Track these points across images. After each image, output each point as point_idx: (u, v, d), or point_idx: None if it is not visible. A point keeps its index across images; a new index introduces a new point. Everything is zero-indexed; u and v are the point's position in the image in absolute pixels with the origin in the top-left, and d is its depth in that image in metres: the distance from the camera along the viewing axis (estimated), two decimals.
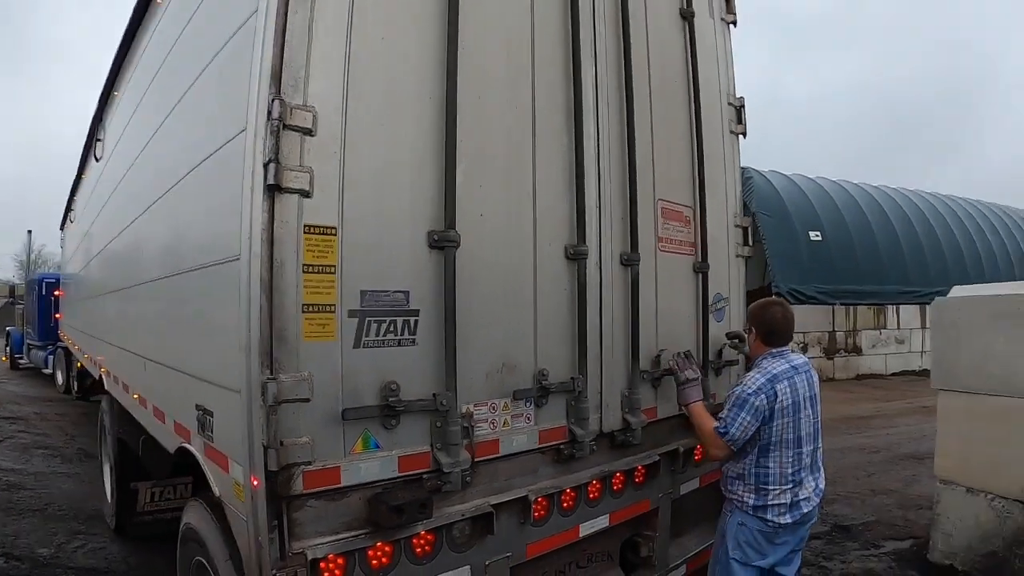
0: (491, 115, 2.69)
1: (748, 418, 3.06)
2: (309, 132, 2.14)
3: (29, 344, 17.27)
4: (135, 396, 4.30)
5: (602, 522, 3.16)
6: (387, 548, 2.35)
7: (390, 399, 2.29)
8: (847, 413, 12.06)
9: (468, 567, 2.60)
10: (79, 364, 10.92)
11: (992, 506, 4.94)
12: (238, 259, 2.20)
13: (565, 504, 2.96)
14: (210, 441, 2.62)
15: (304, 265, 2.13)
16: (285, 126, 2.08)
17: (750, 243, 4.29)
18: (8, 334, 19.49)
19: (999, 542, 4.86)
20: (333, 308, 2.19)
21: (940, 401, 5.42)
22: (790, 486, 3.12)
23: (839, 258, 18.52)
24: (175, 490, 5.32)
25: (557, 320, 2.91)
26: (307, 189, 2.13)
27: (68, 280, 12.46)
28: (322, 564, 2.19)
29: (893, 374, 18.33)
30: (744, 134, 4.33)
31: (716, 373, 3.89)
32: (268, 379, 2.03)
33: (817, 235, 18.41)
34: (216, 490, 2.56)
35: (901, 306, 18.80)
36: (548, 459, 2.91)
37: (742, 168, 15.47)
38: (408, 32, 2.45)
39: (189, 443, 2.93)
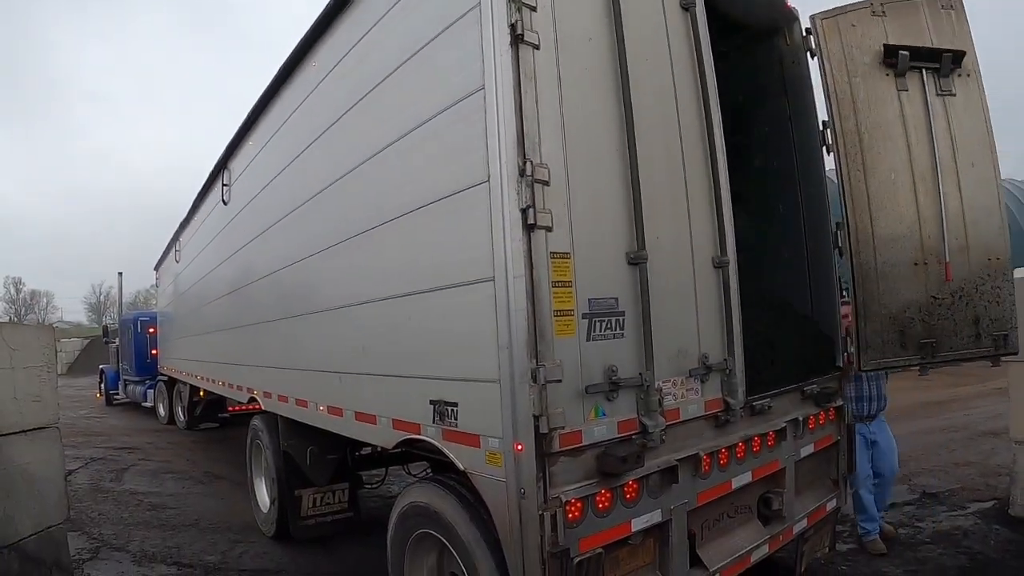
0: (655, 160, 3.50)
1: None
2: (546, 183, 2.97)
3: (125, 380, 18.29)
4: (321, 409, 5.11)
5: (747, 477, 3.93)
6: (608, 494, 3.15)
7: (612, 378, 3.13)
8: (915, 400, 12.65)
9: (659, 510, 3.38)
10: (201, 392, 11.87)
11: None
12: (492, 280, 3.03)
13: (722, 461, 3.74)
14: (452, 427, 3.41)
15: (552, 281, 2.97)
16: (535, 180, 2.92)
17: None
18: (102, 372, 20.62)
19: None
20: (572, 312, 3.03)
21: (1011, 372, 6.12)
22: None
23: None
24: (334, 495, 6.16)
25: (711, 315, 3.73)
26: (550, 226, 2.97)
27: (171, 316, 13.47)
28: (567, 506, 2.99)
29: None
30: None
31: None
32: (539, 366, 2.86)
33: None
34: (460, 465, 3.35)
35: None
36: (709, 424, 3.71)
37: None
38: (597, 102, 3.29)
39: (419, 434, 3.72)
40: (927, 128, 4.61)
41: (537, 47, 3.05)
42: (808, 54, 4.87)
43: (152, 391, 16.14)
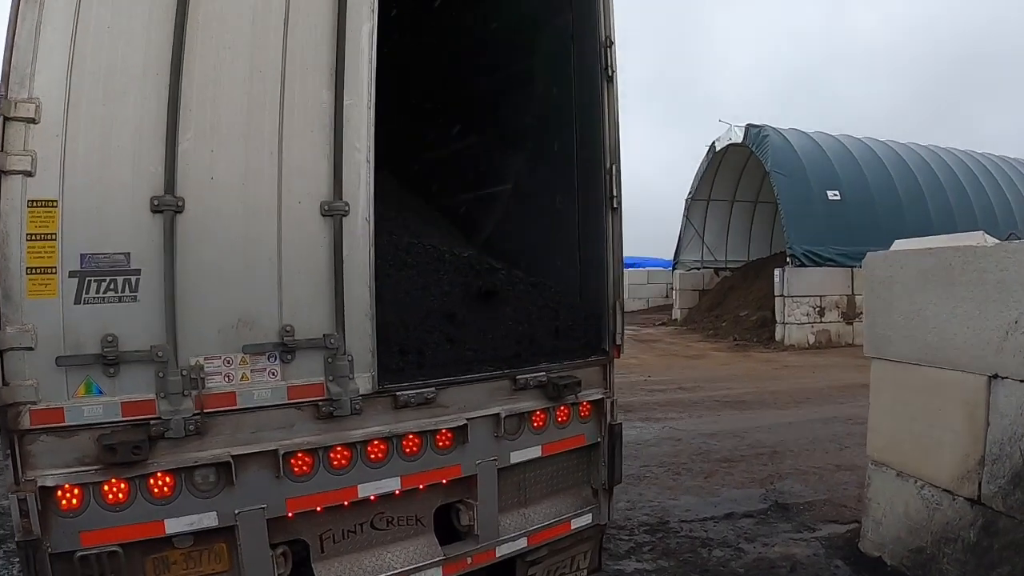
0: (227, 84, 3.01)
1: None
2: (33, 121, 2.63)
3: None
4: None
5: (391, 484, 3.44)
6: (122, 485, 2.81)
7: (106, 349, 2.76)
8: (850, 380, 11.68)
9: (215, 513, 2.99)
10: None
11: (922, 495, 4.71)
12: None
13: (336, 463, 3.26)
14: None
15: (28, 234, 2.63)
16: (7, 118, 2.59)
17: None
18: None
19: (928, 537, 4.64)
20: (54, 270, 2.68)
21: (872, 371, 5.22)
22: None
23: (859, 218, 18.17)
24: None
25: (310, 277, 3.19)
26: (30, 170, 2.63)
27: None
28: (58, 493, 2.70)
29: None
30: None
31: None
32: None
33: (836, 194, 18.23)
34: None
35: None
36: (307, 415, 3.22)
37: (759, 126, 16.08)
38: (136, 18, 2.83)
39: None
40: None
41: None
42: None
43: None
